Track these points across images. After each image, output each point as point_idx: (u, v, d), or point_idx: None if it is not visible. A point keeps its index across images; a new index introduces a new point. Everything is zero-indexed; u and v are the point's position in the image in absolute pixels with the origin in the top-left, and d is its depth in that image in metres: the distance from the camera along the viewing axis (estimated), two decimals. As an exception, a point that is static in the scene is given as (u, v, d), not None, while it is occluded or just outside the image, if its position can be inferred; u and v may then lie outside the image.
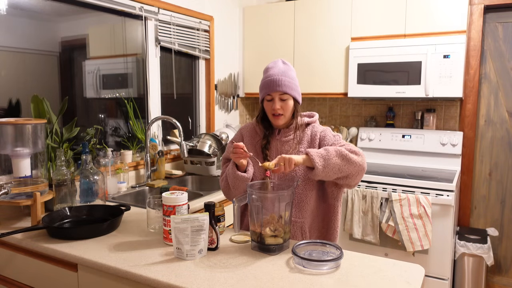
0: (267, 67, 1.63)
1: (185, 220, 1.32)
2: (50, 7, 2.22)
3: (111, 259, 1.35)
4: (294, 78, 1.61)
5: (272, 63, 1.64)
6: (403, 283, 1.18)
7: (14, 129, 1.72)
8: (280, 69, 1.59)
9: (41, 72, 2.20)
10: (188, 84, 3.25)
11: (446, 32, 2.75)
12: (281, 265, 1.30)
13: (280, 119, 1.61)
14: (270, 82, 1.57)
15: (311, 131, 1.67)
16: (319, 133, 1.65)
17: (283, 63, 1.63)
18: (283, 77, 1.57)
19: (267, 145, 1.66)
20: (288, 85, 1.57)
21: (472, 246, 2.71)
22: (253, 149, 1.69)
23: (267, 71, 1.62)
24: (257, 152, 1.68)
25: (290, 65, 1.65)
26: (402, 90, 2.85)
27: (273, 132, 1.69)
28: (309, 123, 1.69)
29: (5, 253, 1.64)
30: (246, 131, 1.75)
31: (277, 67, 1.60)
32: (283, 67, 1.60)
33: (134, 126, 2.68)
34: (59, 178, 1.79)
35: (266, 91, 1.58)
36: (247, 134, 1.74)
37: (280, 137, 1.66)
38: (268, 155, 1.65)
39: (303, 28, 3.29)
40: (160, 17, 2.78)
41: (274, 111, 1.59)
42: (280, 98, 1.58)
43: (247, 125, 1.78)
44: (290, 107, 1.60)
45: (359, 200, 2.71)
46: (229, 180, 1.62)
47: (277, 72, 1.58)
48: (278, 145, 1.66)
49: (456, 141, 2.97)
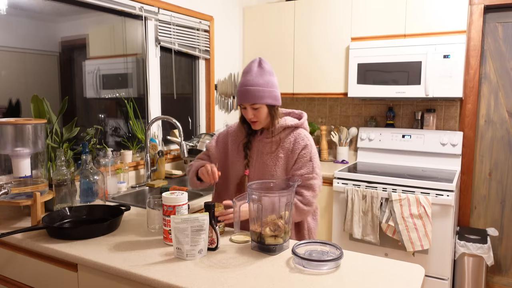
0: (244, 70, 1.65)
1: (185, 220, 1.32)
2: (50, 7, 2.22)
3: (111, 259, 1.35)
4: (267, 83, 1.61)
5: (248, 66, 1.64)
6: (403, 283, 1.18)
7: (14, 129, 1.72)
8: (253, 77, 1.60)
9: (41, 72, 2.20)
10: (188, 84, 3.25)
11: (446, 32, 2.76)
12: (281, 265, 1.30)
13: (256, 124, 1.68)
14: (242, 93, 1.61)
15: (295, 138, 1.68)
16: (301, 148, 1.67)
17: (259, 65, 1.63)
18: (254, 88, 1.58)
19: (248, 144, 1.74)
20: (258, 95, 1.58)
21: (472, 246, 2.71)
22: (236, 147, 1.77)
23: (242, 75, 1.65)
24: (239, 150, 1.75)
25: (267, 65, 1.64)
26: (402, 90, 2.85)
27: (256, 132, 1.75)
28: (296, 127, 1.71)
29: (5, 253, 1.64)
30: (232, 130, 1.83)
31: (251, 73, 1.61)
32: (257, 72, 1.61)
33: (134, 126, 2.68)
34: (59, 178, 1.79)
35: (238, 101, 1.64)
36: (233, 133, 1.81)
37: (262, 138, 1.73)
38: (249, 154, 1.73)
39: (303, 28, 3.29)
40: (160, 17, 2.78)
41: (248, 119, 1.66)
42: (252, 107, 1.62)
43: (233, 125, 1.85)
44: (263, 113, 1.64)
45: (359, 200, 2.71)
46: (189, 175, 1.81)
47: (250, 81, 1.59)
48: (260, 145, 1.73)
49: (456, 141, 2.97)
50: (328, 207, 2.96)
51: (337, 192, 2.85)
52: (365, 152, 3.34)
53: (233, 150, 1.77)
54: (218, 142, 1.84)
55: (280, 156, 1.67)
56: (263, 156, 1.70)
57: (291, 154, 1.67)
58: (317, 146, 3.55)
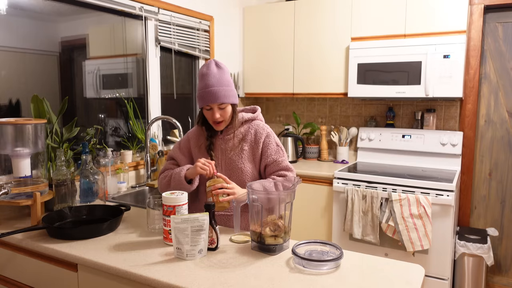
0: (201, 73, 1.66)
1: (185, 220, 1.32)
2: (50, 7, 2.22)
3: (111, 259, 1.35)
4: (228, 82, 1.66)
5: (205, 67, 1.66)
6: (403, 283, 1.18)
7: (14, 129, 1.72)
8: (215, 77, 1.63)
9: (41, 72, 2.20)
10: (188, 84, 3.25)
11: (446, 32, 2.76)
12: (281, 265, 1.30)
13: (221, 125, 1.71)
14: (208, 94, 1.62)
15: (255, 130, 1.75)
16: (263, 137, 1.73)
17: (217, 66, 1.66)
18: (219, 88, 1.62)
19: (211, 146, 1.76)
20: (225, 94, 1.63)
21: (472, 246, 2.71)
22: (199, 150, 1.77)
23: (202, 78, 1.65)
24: (203, 152, 1.76)
25: (224, 66, 1.68)
26: (402, 90, 2.85)
27: (216, 133, 1.77)
28: (252, 119, 1.77)
29: (5, 253, 1.64)
30: (192, 134, 1.83)
31: (212, 74, 1.63)
32: (217, 73, 1.64)
33: (134, 126, 2.68)
34: (59, 178, 1.79)
35: (204, 103, 1.64)
36: (193, 137, 1.81)
37: (223, 136, 1.76)
38: (214, 154, 1.75)
39: (303, 28, 3.29)
40: (160, 17, 2.78)
41: (214, 119, 1.67)
42: (218, 107, 1.65)
43: (193, 129, 1.85)
44: (229, 112, 1.69)
45: (359, 200, 2.71)
46: (172, 183, 1.70)
47: (213, 81, 1.62)
48: (222, 143, 1.75)
49: (456, 141, 2.97)
50: (328, 207, 2.96)
51: (337, 192, 2.85)
52: (365, 152, 3.34)
53: (196, 154, 1.78)
54: (181, 148, 1.82)
55: (245, 149, 1.73)
56: (228, 152, 1.74)
57: (255, 145, 1.73)
58: (317, 146, 3.55)
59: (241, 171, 1.72)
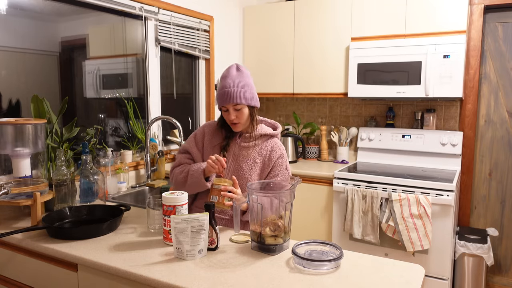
0: (222, 75, 1.70)
1: (185, 220, 1.32)
2: (50, 7, 2.22)
3: (111, 259, 1.35)
4: (247, 85, 1.67)
5: (226, 70, 1.70)
6: (403, 283, 1.18)
7: (14, 129, 1.72)
8: (233, 79, 1.66)
9: (41, 72, 2.20)
10: (188, 84, 3.25)
11: (446, 32, 2.76)
12: (281, 265, 1.30)
13: (238, 126, 1.71)
14: (223, 95, 1.65)
15: (272, 146, 1.77)
16: (277, 156, 1.75)
17: (237, 69, 1.69)
18: (235, 89, 1.64)
19: (226, 147, 1.76)
20: (240, 95, 1.64)
21: (472, 246, 2.71)
22: (211, 148, 1.77)
23: (221, 80, 1.69)
24: (215, 152, 1.76)
25: (244, 69, 1.71)
26: (402, 90, 2.85)
27: (234, 136, 1.77)
28: (272, 136, 1.79)
29: (5, 253, 1.64)
30: (208, 129, 1.82)
31: (230, 76, 1.67)
32: (236, 75, 1.67)
33: (134, 126, 2.68)
34: (59, 178, 1.79)
35: (220, 103, 1.67)
36: (209, 132, 1.81)
37: (240, 142, 1.75)
38: (226, 155, 1.75)
39: (303, 28, 3.29)
40: (160, 17, 2.78)
41: (230, 120, 1.69)
42: (234, 108, 1.67)
43: (210, 123, 1.84)
44: (245, 114, 1.69)
45: (359, 200, 2.71)
46: (189, 180, 1.69)
47: (230, 83, 1.65)
48: (237, 149, 1.75)
49: (456, 141, 2.97)
50: (328, 207, 2.96)
51: (337, 192, 2.85)
52: (365, 152, 3.34)
53: (208, 150, 1.78)
54: (197, 142, 1.81)
55: (257, 162, 1.74)
56: (239, 159, 1.74)
57: (268, 161, 1.75)
58: (317, 146, 3.55)
59: (246, 181, 1.72)
